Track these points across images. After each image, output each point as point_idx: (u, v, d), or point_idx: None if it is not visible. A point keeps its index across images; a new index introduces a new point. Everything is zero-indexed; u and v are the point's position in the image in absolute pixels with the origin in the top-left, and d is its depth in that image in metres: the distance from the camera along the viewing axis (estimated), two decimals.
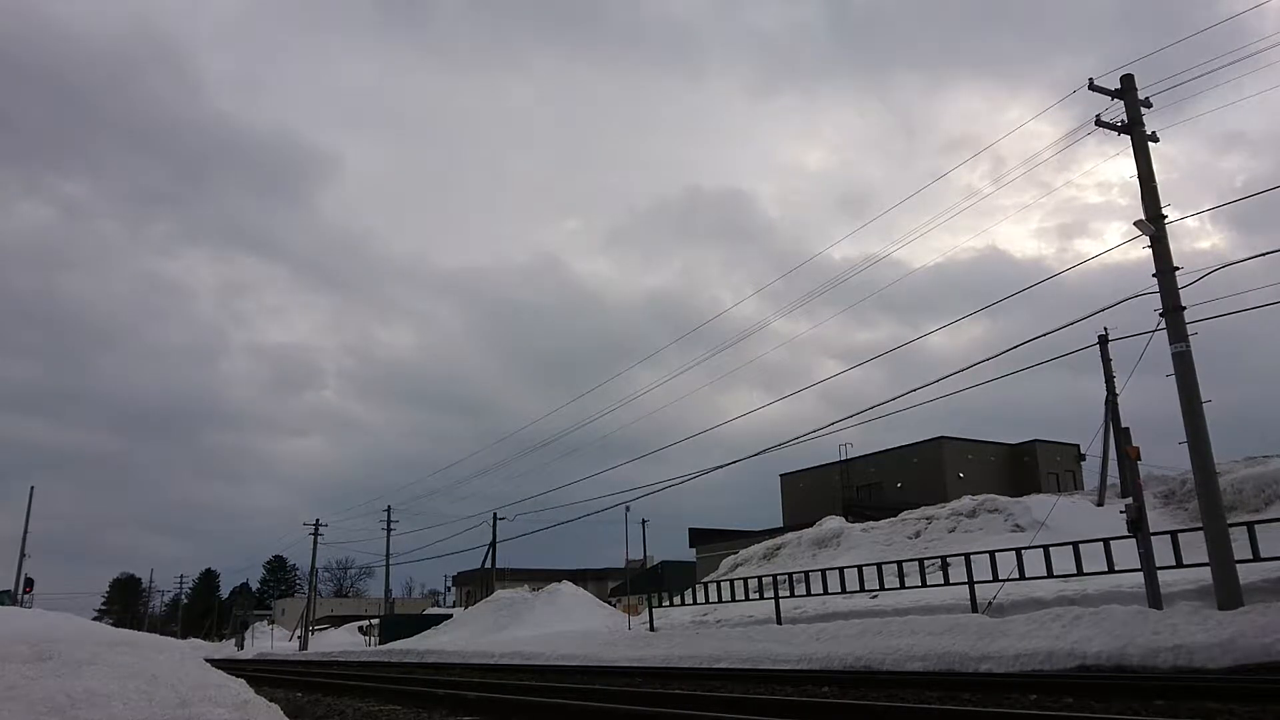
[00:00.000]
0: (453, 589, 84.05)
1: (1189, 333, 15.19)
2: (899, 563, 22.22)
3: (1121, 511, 16.09)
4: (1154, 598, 15.11)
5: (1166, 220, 15.76)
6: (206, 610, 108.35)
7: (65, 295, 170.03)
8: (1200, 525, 15.01)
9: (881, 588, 21.84)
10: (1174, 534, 16.02)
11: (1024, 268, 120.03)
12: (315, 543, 63.57)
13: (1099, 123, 16.64)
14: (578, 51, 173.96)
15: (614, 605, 44.46)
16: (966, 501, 29.11)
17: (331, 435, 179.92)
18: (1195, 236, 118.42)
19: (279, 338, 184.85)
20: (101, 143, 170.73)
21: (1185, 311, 15.24)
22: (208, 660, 11.32)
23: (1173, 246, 15.67)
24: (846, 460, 51.38)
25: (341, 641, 62.69)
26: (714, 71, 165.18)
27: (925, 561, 21.82)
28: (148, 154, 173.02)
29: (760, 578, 25.02)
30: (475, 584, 62.23)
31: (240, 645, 68.87)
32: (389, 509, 62.22)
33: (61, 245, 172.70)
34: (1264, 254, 17.16)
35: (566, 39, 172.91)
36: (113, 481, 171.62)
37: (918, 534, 28.45)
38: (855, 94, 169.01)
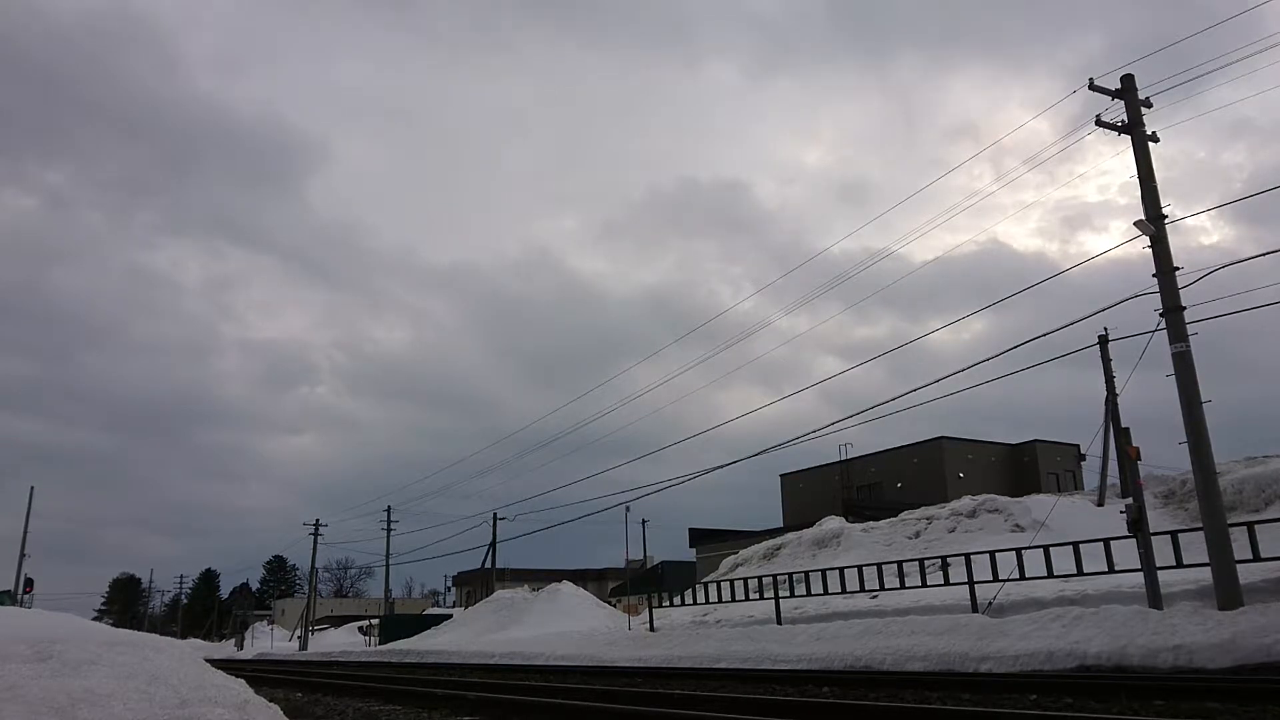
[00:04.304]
0: (453, 589, 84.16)
1: (1189, 333, 15.19)
2: (899, 563, 22.21)
3: (1121, 511, 16.09)
4: (1154, 598, 15.12)
5: (1167, 220, 15.77)
6: (206, 610, 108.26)
7: (52, 289, 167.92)
8: (1200, 525, 15.00)
9: (881, 588, 21.84)
10: (1174, 534, 16.02)
11: (1026, 261, 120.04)
12: (315, 543, 63.64)
13: (1099, 123, 16.66)
14: (570, 38, 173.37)
15: (614, 605, 44.46)
16: (966, 502, 29.12)
17: (327, 433, 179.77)
18: (1200, 232, 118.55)
19: (270, 333, 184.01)
20: (82, 129, 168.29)
21: (1185, 311, 15.25)
22: (208, 660, 11.31)
23: (1177, 242, 15.73)
24: (846, 460, 51.37)
25: (341, 642, 62.68)
26: (710, 58, 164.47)
27: (925, 561, 21.82)
28: (130, 141, 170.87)
29: (760, 578, 25.01)
30: (475, 584, 62.24)
31: (240, 645, 68.85)
32: (389, 509, 62.28)
33: (46, 236, 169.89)
34: (1265, 253, 17.20)
35: (559, 25, 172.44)
36: (110, 481, 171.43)
37: (918, 534, 28.45)
38: (855, 79, 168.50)
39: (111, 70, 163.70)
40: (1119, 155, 16.96)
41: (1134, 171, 16.31)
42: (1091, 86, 16.63)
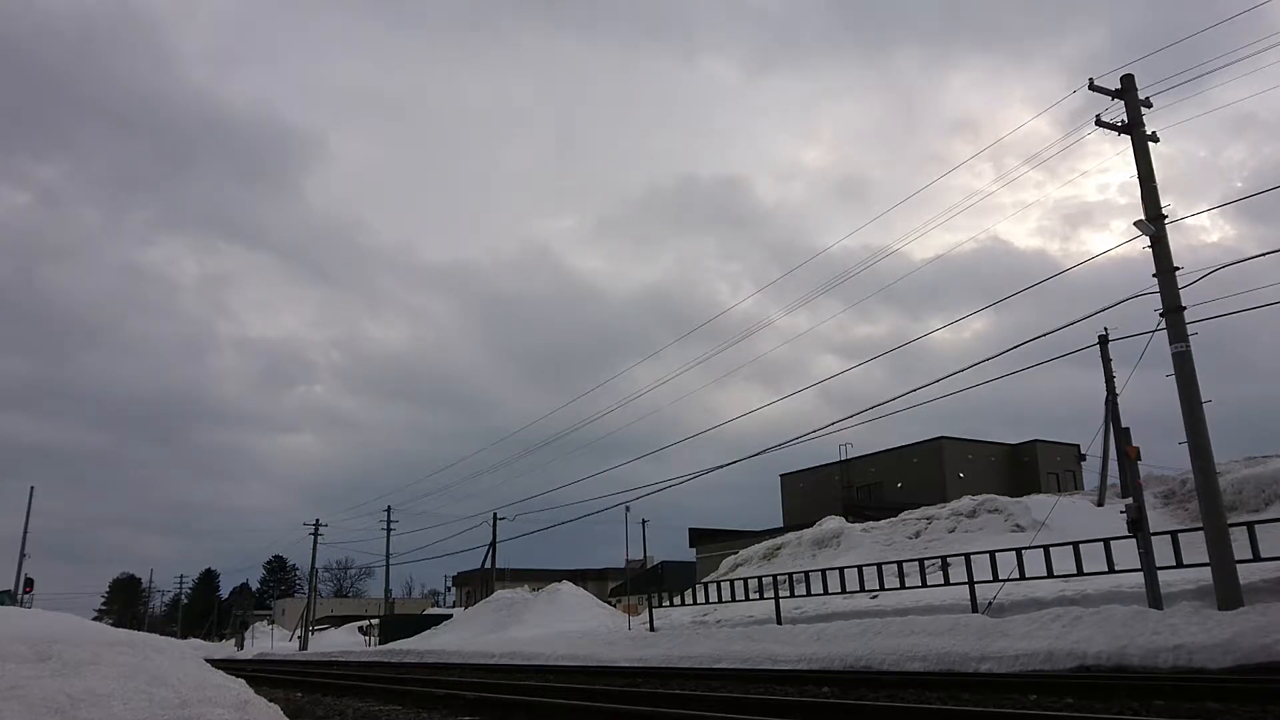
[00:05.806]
0: (453, 589, 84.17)
1: (1189, 333, 15.19)
2: (899, 563, 22.21)
3: (1121, 511, 16.09)
4: (1154, 598, 15.12)
5: (1167, 219, 15.77)
6: (206, 610, 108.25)
7: (47, 286, 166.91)
8: (1200, 525, 15.01)
9: (881, 588, 21.83)
10: (1174, 534, 16.02)
11: (1027, 259, 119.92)
12: (315, 543, 63.67)
13: (1099, 123, 16.67)
14: (568, 34, 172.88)
15: (614, 605, 44.48)
16: (966, 501, 29.11)
17: (325, 432, 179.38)
18: (1200, 231, 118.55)
19: (267, 331, 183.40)
20: (76, 124, 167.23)
21: (1186, 311, 15.25)
22: (207, 660, 11.32)
23: (1178, 240, 15.79)
24: (846, 460, 51.38)
25: (341, 642, 62.72)
26: (709, 54, 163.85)
27: (925, 561, 21.82)
28: (125, 137, 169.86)
29: (760, 578, 25.02)
30: (475, 584, 62.21)
31: (240, 645, 68.89)
32: (389, 509, 62.34)
33: (40, 233, 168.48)
34: (1266, 253, 17.20)
35: (557, 22, 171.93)
36: (109, 480, 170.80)
37: (918, 534, 28.44)
38: (855, 75, 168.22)
39: (106, 65, 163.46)
40: (1120, 154, 16.97)
41: (1134, 170, 16.32)
42: (1091, 87, 16.63)
